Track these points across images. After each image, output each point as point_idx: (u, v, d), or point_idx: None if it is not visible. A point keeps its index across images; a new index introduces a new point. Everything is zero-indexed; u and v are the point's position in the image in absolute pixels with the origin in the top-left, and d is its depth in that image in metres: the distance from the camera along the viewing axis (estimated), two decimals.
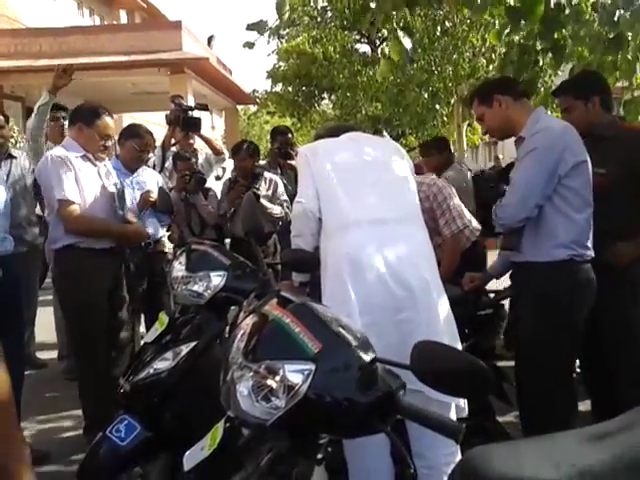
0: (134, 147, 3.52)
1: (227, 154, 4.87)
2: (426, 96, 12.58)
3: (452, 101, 13.05)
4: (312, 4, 17.59)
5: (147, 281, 3.52)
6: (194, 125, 4.31)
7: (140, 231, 3.24)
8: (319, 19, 18.10)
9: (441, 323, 1.99)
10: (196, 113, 4.42)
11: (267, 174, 4.24)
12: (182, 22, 14.47)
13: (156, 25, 18.29)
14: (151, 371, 2.12)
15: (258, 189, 3.81)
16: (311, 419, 1.12)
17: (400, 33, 3.65)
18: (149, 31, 14.90)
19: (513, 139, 2.49)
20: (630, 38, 3.84)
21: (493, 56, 11.36)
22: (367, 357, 1.15)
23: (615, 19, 3.71)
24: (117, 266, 3.15)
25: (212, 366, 1.29)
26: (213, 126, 30.25)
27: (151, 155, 3.96)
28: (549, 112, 3.64)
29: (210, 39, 19.99)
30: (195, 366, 2.13)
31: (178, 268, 2.36)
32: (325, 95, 20.70)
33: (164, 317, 2.34)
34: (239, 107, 23.41)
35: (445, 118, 13.64)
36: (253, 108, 26.69)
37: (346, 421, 1.12)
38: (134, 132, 3.60)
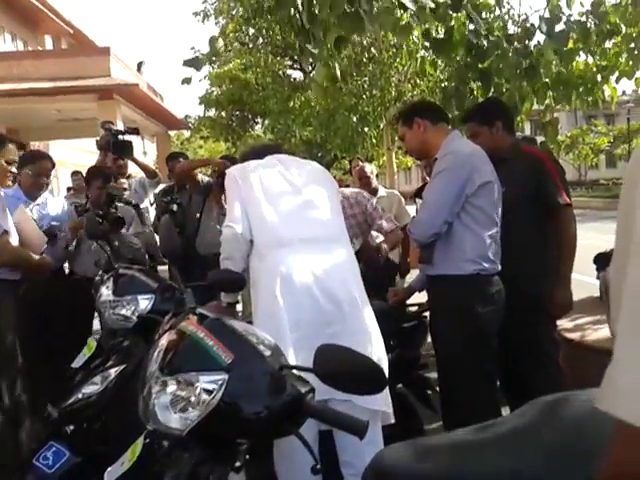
0: (28, 174, 3.45)
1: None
2: (355, 120, 12.92)
3: (381, 125, 13.45)
4: (243, 31, 17.78)
5: (71, 308, 3.42)
6: (125, 149, 4.19)
7: (42, 262, 3.07)
8: (251, 45, 18.29)
9: (368, 335, 2.10)
10: (129, 137, 4.37)
11: None
12: (110, 48, 14.30)
13: (83, 51, 17.98)
14: (80, 396, 2.09)
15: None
16: (225, 426, 1.18)
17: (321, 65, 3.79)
18: (76, 57, 14.62)
19: None
20: (542, 67, 4.16)
21: (418, 81, 11.86)
22: (276, 365, 1.22)
23: (530, 49, 4.03)
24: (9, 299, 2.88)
25: None
26: (145, 152, 29.72)
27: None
28: None
29: (140, 65, 19.82)
30: (124, 389, 2.12)
31: (105, 293, 2.37)
32: (259, 120, 20.85)
33: (92, 342, 2.33)
34: (172, 132, 23.20)
35: (374, 141, 14.01)
36: (187, 133, 26.49)
37: (258, 425, 1.18)
38: (28, 159, 3.51)
